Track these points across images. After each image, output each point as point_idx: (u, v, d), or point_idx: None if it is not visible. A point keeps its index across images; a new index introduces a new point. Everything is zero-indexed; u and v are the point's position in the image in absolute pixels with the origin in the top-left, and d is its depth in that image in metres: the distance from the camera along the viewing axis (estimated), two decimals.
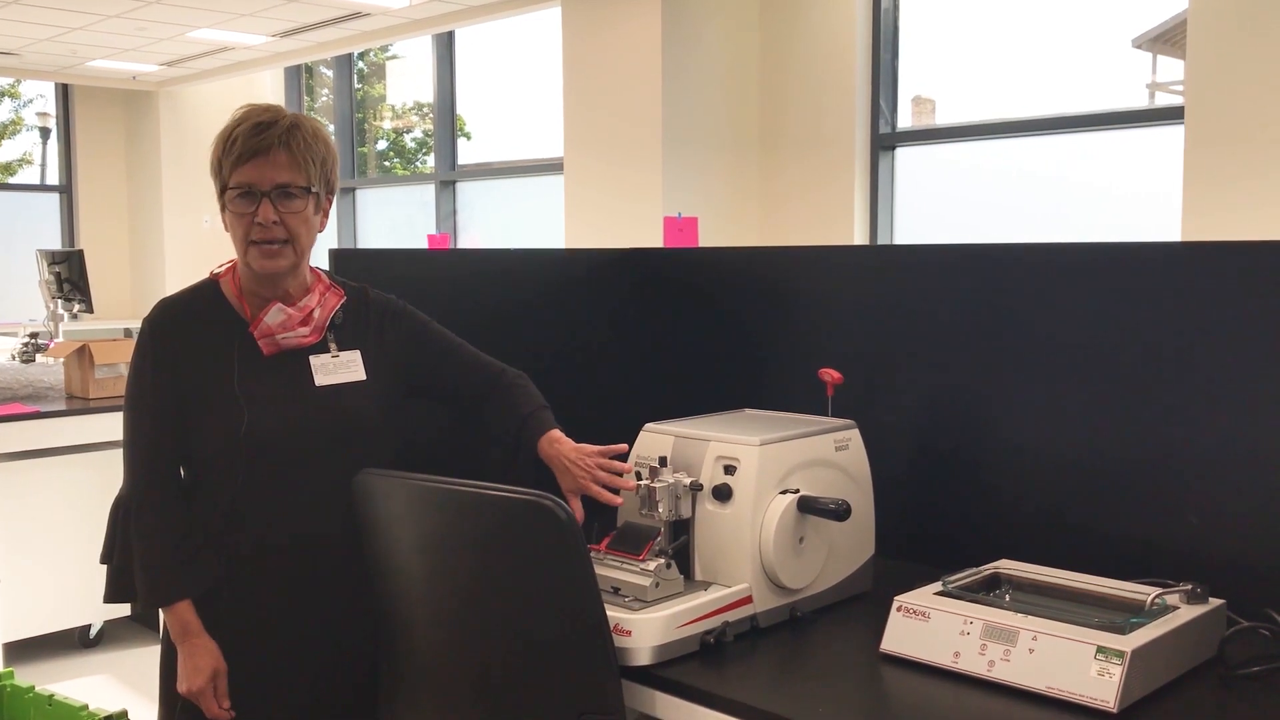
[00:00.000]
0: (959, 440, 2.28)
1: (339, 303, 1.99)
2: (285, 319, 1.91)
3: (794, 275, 2.58)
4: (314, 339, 1.94)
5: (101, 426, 4.29)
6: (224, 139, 1.87)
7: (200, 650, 1.88)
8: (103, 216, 10.67)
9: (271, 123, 1.85)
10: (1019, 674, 1.59)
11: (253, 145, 1.84)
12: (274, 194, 1.85)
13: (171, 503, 1.90)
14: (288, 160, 1.85)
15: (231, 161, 1.85)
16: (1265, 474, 1.89)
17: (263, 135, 1.84)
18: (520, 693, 1.70)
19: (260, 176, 1.84)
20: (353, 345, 1.98)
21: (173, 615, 1.90)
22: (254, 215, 1.85)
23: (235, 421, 1.86)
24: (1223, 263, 1.96)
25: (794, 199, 6.43)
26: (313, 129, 1.90)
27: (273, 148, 1.84)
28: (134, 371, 1.93)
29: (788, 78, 6.40)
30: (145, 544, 1.90)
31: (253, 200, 1.85)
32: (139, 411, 1.91)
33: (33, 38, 8.51)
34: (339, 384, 1.95)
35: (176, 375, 1.89)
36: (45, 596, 4.18)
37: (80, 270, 6.95)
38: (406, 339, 2.05)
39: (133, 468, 1.92)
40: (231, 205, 1.87)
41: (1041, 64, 5.86)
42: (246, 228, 1.86)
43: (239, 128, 1.86)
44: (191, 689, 1.87)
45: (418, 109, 10.11)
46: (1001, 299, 2.22)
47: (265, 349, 1.91)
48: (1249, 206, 4.57)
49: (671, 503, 1.88)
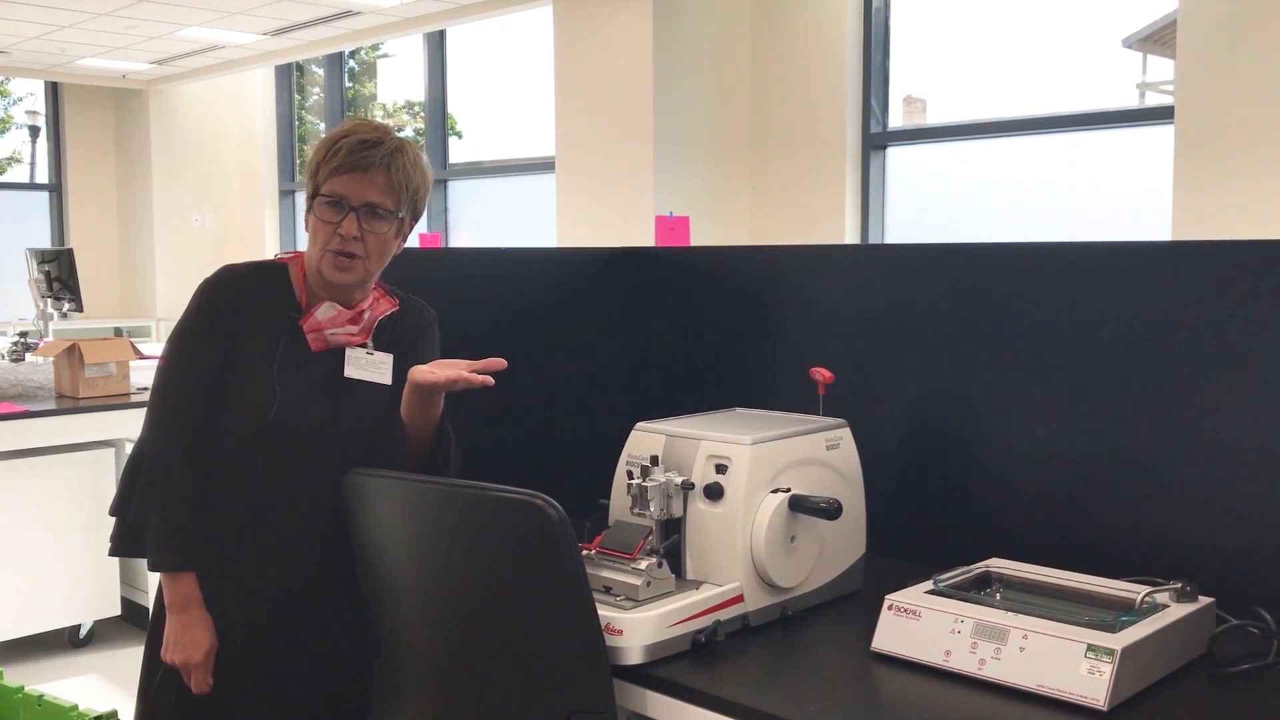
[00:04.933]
0: (950, 439, 2.28)
1: (390, 310, 2.04)
2: (335, 315, 1.96)
3: (785, 274, 2.58)
4: (361, 339, 1.99)
5: (91, 426, 4.28)
6: (328, 145, 1.91)
7: (199, 623, 1.90)
8: (92, 215, 10.64)
9: (378, 142, 1.90)
10: (1010, 672, 1.60)
11: (354, 160, 1.89)
12: (362, 210, 1.90)
13: (197, 470, 1.91)
14: (384, 183, 1.90)
15: (330, 169, 1.90)
16: (1254, 472, 1.89)
17: (367, 153, 1.89)
18: (511, 691, 1.70)
19: (354, 191, 1.89)
20: (389, 349, 2.02)
21: (176, 583, 1.90)
22: (337, 226, 1.89)
23: (266, 403, 1.89)
24: (1212, 262, 1.97)
25: (785, 198, 6.43)
26: (414, 157, 1.95)
27: (373, 167, 1.89)
28: (182, 329, 1.95)
29: (779, 77, 6.41)
30: (166, 505, 1.90)
31: (340, 211, 1.89)
32: (182, 371, 1.93)
33: (22, 35, 8.47)
34: (366, 384, 1.98)
35: (227, 343, 1.92)
36: (34, 597, 4.17)
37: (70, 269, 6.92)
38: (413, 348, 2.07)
39: (162, 424, 1.92)
40: (319, 211, 1.91)
41: (1032, 64, 5.88)
42: (328, 236, 1.90)
43: (346, 139, 1.90)
44: (189, 660, 1.89)
45: (409, 107, 10.09)
46: (992, 298, 2.22)
47: (314, 344, 1.96)
48: (1238, 205, 4.58)
49: (663, 502, 1.88)
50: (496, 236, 8.75)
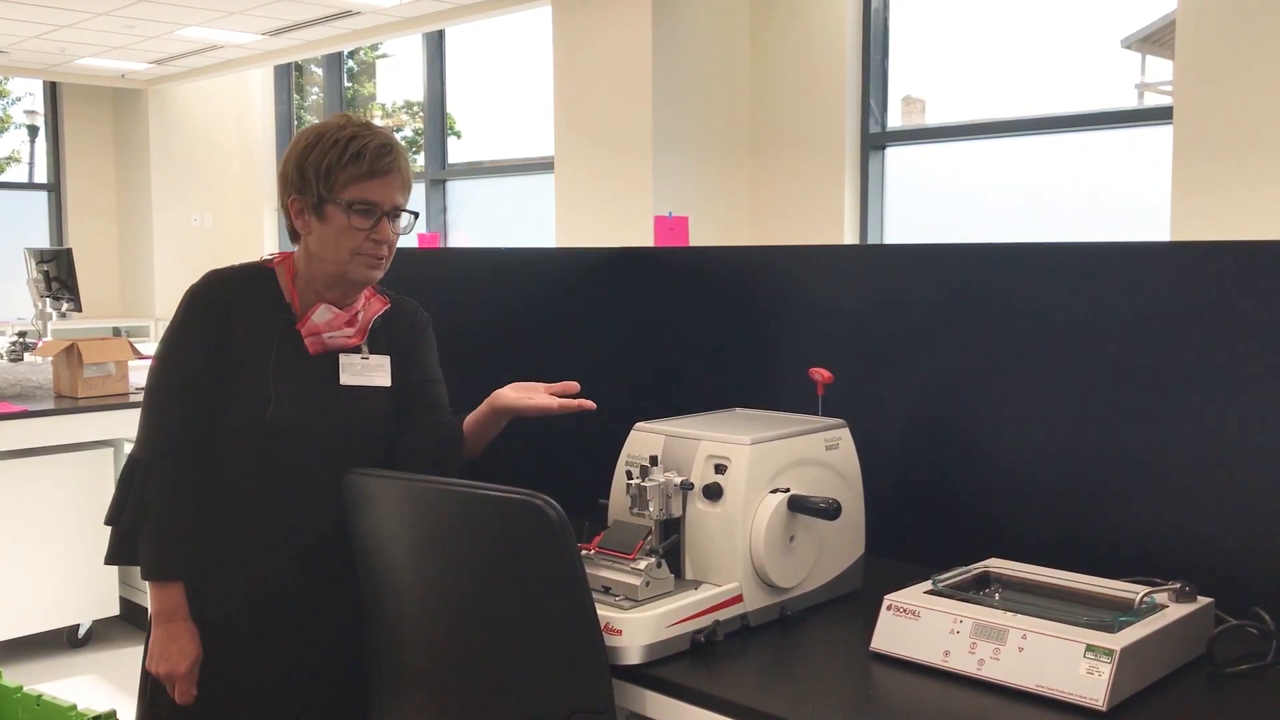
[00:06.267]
0: (949, 439, 2.28)
1: (382, 309, 2.05)
2: (332, 318, 1.97)
3: (784, 274, 2.58)
4: (357, 340, 2.00)
5: (90, 426, 4.28)
6: (341, 148, 1.90)
7: (184, 634, 1.90)
8: (91, 215, 10.63)
9: (391, 146, 1.94)
10: (1009, 672, 1.60)
11: (382, 165, 1.91)
12: (390, 214, 1.94)
13: (191, 478, 1.91)
14: (401, 184, 1.96)
15: (354, 175, 1.89)
16: (1254, 472, 1.89)
17: (388, 158, 1.92)
18: (510, 691, 1.70)
19: (385, 196, 1.92)
20: (384, 351, 2.03)
21: (164, 593, 1.90)
22: (369, 231, 1.91)
23: (260, 408, 1.89)
24: (1211, 262, 1.97)
25: (784, 198, 6.44)
26: (406, 154, 2.00)
27: (393, 170, 1.93)
28: (172, 337, 1.95)
29: (778, 77, 6.41)
30: (159, 513, 1.89)
31: (371, 217, 1.91)
32: (172, 377, 1.93)
33: (21, 35, 8.47)
34: (363, 386, 1.99)
35: (217, 347, 1.92)
36: (33, 596, 4.17)
37: (69, 269, 6.91)
38: (415, 350, 2.08)
39: (154, 432, 1.92)
40: (352, 219, 1.91)
41: (1031, 64, 5.88)
42: (359, 241, 1.92)
43: (366, 144, 1.90)
44: (173, 672, 1.89)
45: (408, 107, 10.09)
46: (991, 298, 2.22)
47: (311, 348, 1.96)
48: (1237, 205, 4.58)
49: (662, 502, 1.88)
50: (495, 237, 8.75)
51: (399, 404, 2.04)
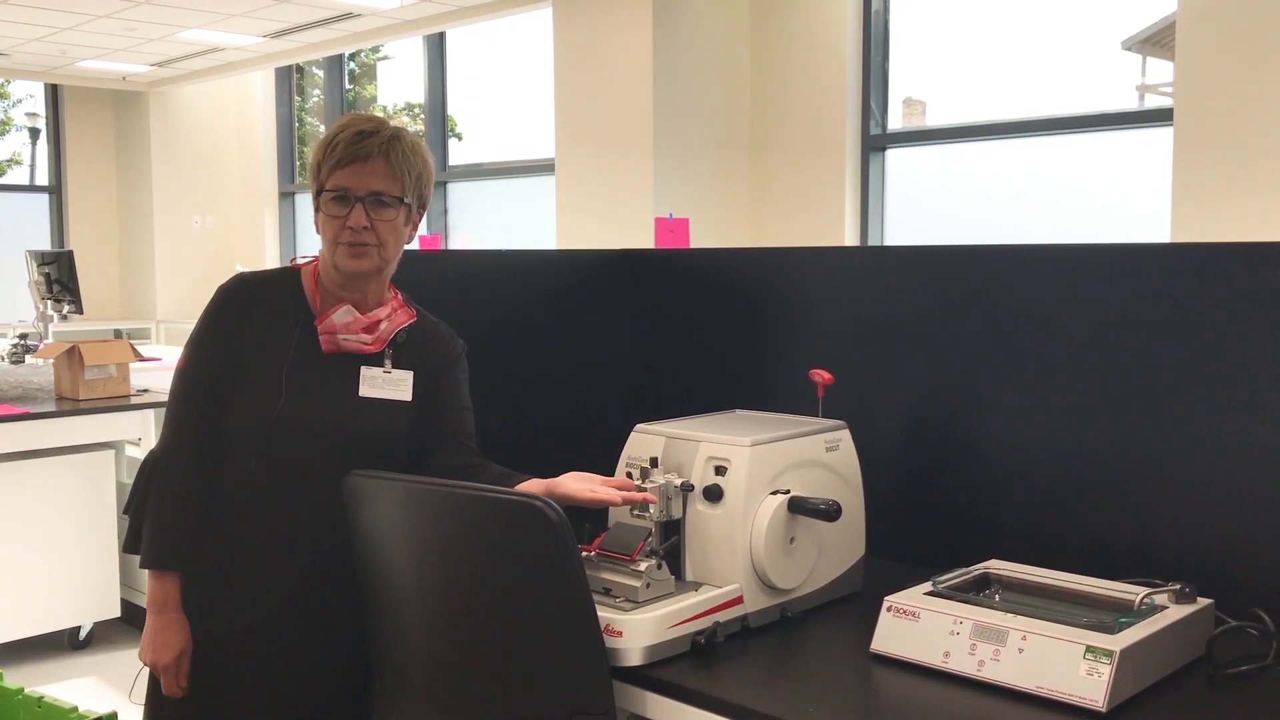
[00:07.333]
0: (949, 441, 2.28)
1: (407, 322, 2.02)
2: (351, 320, 1.96)
3: (784, 276, 2.58)
4: (374, 349, 1.98)
5: (91, 428, 4.28)
6: (325, 144, 1.92)
7: (173, 626, 1.91)
8: (92, 217, 10.64)
9: (374, 132, 1.91)
10: (1008, 674, 1.60)
11: (353, 152, 1.89)
12: (368, 200, 1.90)
13: (198, 471, 1.93)
14: (385, 169, 1.91)
15: (330, 165, 1.90)
16: (1253, 473, 1.89)
17: (364, 143, 1.89)
18: (511, 693, 1.70)
19: (357, 182, 1.90)
20: (408, 367, 2.01)
21: (159, 582, 1.92)
22: (346, 219, 1.90)
23: (270, 404, 1.90)
24: (1211, 263, 1.97)
25: (785, 200, 6.44)
26: (412, 143, 1.95)
27: (372, 156, 1.90)
28: (195, 336, 1.97)
29: (779, 79, 6.41)
30: (160, 504, 1.93)
31: (346, 204, 1.90)
32: (190, 375, 1.96)
33: (22, 37, 8.48)
34: (382, 399, 1.98)
35: (233, 346, 1.93)
36: (34, 598, 4.17)
37: (70, 271, 6.92)
38: (444, 379, 2.05)
39: (172, 427, 1.96)
40: (326, 207, 1.92)
41: (1032, 66, 5.88)
42: (337, 230, 1.91)
43: (341, 134, 1.91)
44: (157, 662, 1.91)
45: (409, 109, 10.09)
46: (991, 300, 2.22)
47: (325, 345, 1.96)
48: (1237, 207, 4.58)
49: (663, 503, 1.88)
50: (496, 238, 8.75)
51: (425, 428, 2.02)
